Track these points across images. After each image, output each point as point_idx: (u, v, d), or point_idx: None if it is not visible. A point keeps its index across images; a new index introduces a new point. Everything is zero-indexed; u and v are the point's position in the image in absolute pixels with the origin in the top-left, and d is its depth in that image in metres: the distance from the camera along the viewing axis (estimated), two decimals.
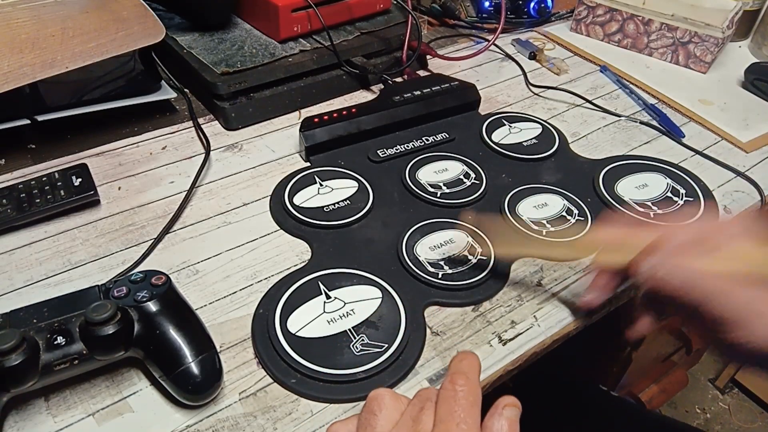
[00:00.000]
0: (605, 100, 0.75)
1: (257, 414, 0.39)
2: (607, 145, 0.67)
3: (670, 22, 0.81)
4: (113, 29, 0.55)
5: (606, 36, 0.88)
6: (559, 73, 0.80)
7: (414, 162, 0.60)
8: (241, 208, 0.55)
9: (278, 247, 0.51)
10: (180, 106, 0.67)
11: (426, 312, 0.46)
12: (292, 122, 0.67)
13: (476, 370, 0.32)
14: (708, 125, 0.71)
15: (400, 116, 0.64)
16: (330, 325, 0.43)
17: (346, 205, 0.54)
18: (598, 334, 0.64)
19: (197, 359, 0.37)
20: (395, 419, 0.30)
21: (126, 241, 0.50)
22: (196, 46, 0.66)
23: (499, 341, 0.45)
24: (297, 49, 0.67)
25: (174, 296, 0.40)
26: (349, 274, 0.47)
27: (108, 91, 0.61)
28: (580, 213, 0.56)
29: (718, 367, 1.41)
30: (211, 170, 0.59)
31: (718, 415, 1.34)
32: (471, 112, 0.70)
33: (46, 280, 0.47)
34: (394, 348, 0.42)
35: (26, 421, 0.38)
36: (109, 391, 0.40)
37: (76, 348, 0.36)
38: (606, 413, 0.71)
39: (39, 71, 0.52)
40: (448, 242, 0.51)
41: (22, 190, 0.51)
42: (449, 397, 0.30)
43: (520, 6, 0.89)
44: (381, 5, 0.75)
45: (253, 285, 0.47)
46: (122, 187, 0.56)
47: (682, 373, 1.03)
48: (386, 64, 0.74)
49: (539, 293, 0.49)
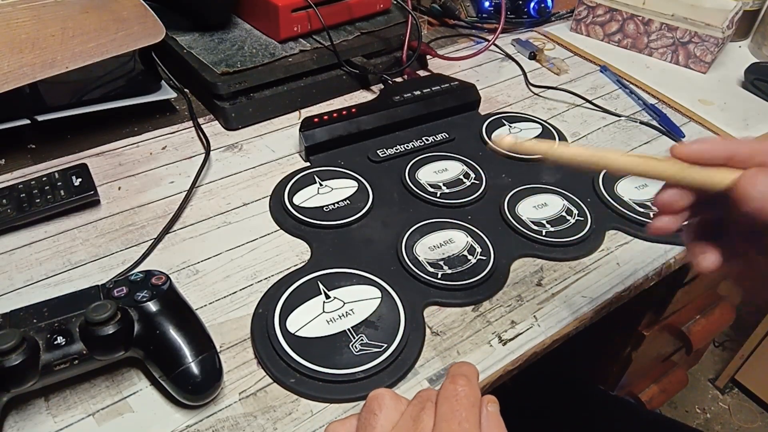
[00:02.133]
0: (605, 100, 0.75)
1: (257, 414, 0.39)
2: (607, 145, 0.67)
3: (670, 22, 0.81)
4: (113, 29, 0.55)
5: (606, 36, 0.88)
6: (559, 73, 0.80)
7: (414, 162, 0.60)
8: (241, 208, 0.55)
9: (278, 247, 0.51)
10: (180, 106, 0.67)
11: (426, 312, 0.46)
12: (292, 122, 0.67)
13: (476, 374, 0.32)
14: (708, 125, 0.71)
15: (400, 116, 0.64)
16: (329, 325, 0.43)
17: (346, 205, 0.54)
18: (598, 334, 0.64)
19: (197, 359, 0.38)
20: (395, 419, 0.30)
21: (126, 241, 0.50)
22: (196, 46, 0.66)
23: (499, 341, 0.45)
24: (297, 49, 0.67)
25: (174, 296, 0.40)
26: (349, 273, 0.47)
27: (108, 91, 0.61)
28: (580, 213, 0.56)
29: (718, 367, 1.41)
30: (211, 170, 0.59)
31: (718, 415, 1.34)
32: (471, 112, 0.70)
33: (46, 280, 0.47)
34: (394, 348, 0.42)
35: (26, 421, 0.38)
36: (109, 391, 0.40)
37: (76, 348, 0.36)
38: (606, 413, 0.71)
39: (39, 71, 0.52)
40: (448, 242, 0.51)
41: (22, 190, 0.51)
42: (450, 397, 0.30)
43: (520, 6, 0.89)
44: (381, 5, 0.75)
45: (253, 285, 0.47)
46: (122, 187, 0.56)
47: (682, 373, 1.03)
48: (386, 64, 0.74)
49: (539, 293, 0.49)
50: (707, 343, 1.14)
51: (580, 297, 0.49)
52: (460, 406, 0.29)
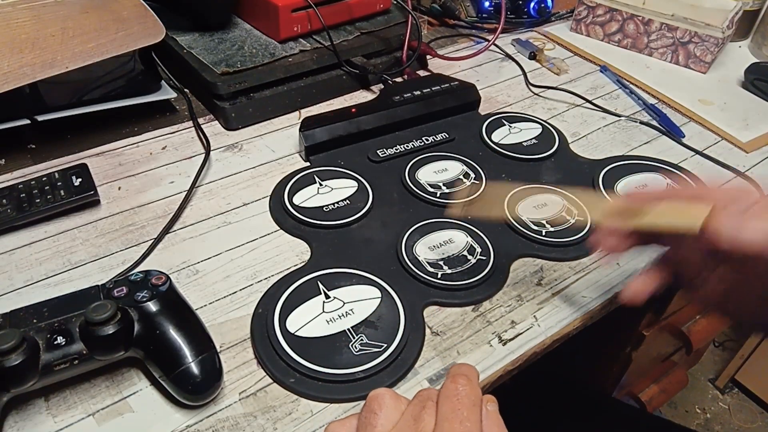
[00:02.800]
0: (605, 100, 0.75)
1: (257, 414, 0.39)
2: (607, 145, 0.67)
3: (670, 22, 0.81)
4: (113, 29, 0.55)
5: (606, 36, 0.88)
6: (559, 73, 0.80)
7: (414, 162, 0.60)
8: (241, 208, 0.55)
9: (278, 247, 0.51)
10: (180, 106, 0.67)
11: (426, 312, 0.46)
12: (292, 122, 0.67)
13: (476, 375, 0.32)
14: (708, 125, 0.71)
15: (400, 116, 0.64)
16: (329, 325, 0.43)
17: (346, 204, 0.54)
18: (598, 334, 0.64)
19: (197, 359, 0.38)
20: (395, 419, 0.30)
21: (126, 241, 0.50)
22: (196, 46, 0.66)
23: (499, 341, 0.45)
24: (297, 49, 0.67)
25: (174, 296, 0.40)
26: (349, 273, 0.47)
27: (108, 91, 0.61)
28: (580, 213, 0.56)
29: (718, 367, 1.41)
30: (211, 170, 0.59)
31: (718, 415, 1.34)
32: (471, 112, 0.70)
33: (46, 280, 0.47)
34: (393, 348, 0.42)
35: (26, 421, 0.38)
36: (109, 391, 0.40)
37: (76, 348, 0.36)
38: (605, 413, 0.72)
39: (39, 71, 0.52)
40: (448, 242, 0.51)
41: (22, 190, 0.51)
42: (452, 396, 0.30)
43: (520, 6, 0.89)
44: (381, 5, 0.75)
45: (253, 285, 0.47)
46: (122, 187, 0.56)
47: (682, 373, 1.02)
48: (386, 64, 0.74)
49: (539, 293, 0.49)
50: (707, 343, 1.14)
51: (580, 297, 0.49)
52: (461, 406, 0.29)
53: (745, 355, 1.29)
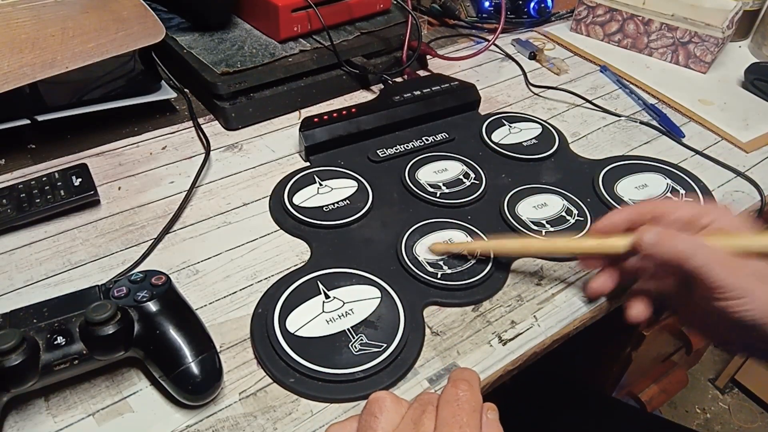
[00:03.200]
0: (605, 100, 0.75)
1: (257, 414, 0.39)
2: (607, 145, 0.67)
3: (670, 22, 0.81)
4: (113, 29, 0.55)
5: (606, 36, 0.88)
6: (559, 73, 0.80)
7: (414, 162, 0.60)
8: (241, 208, 0.55)
9: (278, 247, 0.51)
10: (180, 106, 0.67)
11: (426, 312, 0.46)
12: (292, 122, 0.67)
13: (477, 380, 0.32)
14: (708, 125, 0.71)
15: (400, 116, 0.64)
16: (329, 325, 0.43)
17: (346, 204, 0.54)
18: (598, 334, 0.64)
19: (197, 359, 0.38)
20: (396, 422, 0.30)
21: (126, 241, 0.50)
22: (196, 46, 0.66)
23: (499, 341, 0.45)
24: (297, 49, 0.67)
25: (174, 296, 0.40)
26: (348, 273, 0.47)
27: (108, 91, 0.61)
28: (580, 213, 0.56)
29: (718, 367, 1.41)
30: (211, 170, 0.59)
31: (718, 415, 1.34)
32: (471, 112, 0.70)
33: (46, 280, 0.47)
34: (393, 348, 0.42)
35: (26, 421, 0.38)
36: (109, 391, 0.40)
37: (76, 348, 0.36)
38: (605, 413, 0.72)
39: (39, 71, 0.52)
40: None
41: (22, 190, 0.51)
42: (452, 401, 0.30)
43: (520, 6, 0.89)
44: (381, 5, 0.75)
45: (253, 285, 0.47)
46: (122, 187, 0.56)
47: (682, 373, 1.03)
48: (386, 64, 0.74)
49: (539, 293, 0.49)
50: (707, 343, 1.14)
51: (580, 297, 0.49)
52: (461, 411, 0.29)
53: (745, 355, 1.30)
